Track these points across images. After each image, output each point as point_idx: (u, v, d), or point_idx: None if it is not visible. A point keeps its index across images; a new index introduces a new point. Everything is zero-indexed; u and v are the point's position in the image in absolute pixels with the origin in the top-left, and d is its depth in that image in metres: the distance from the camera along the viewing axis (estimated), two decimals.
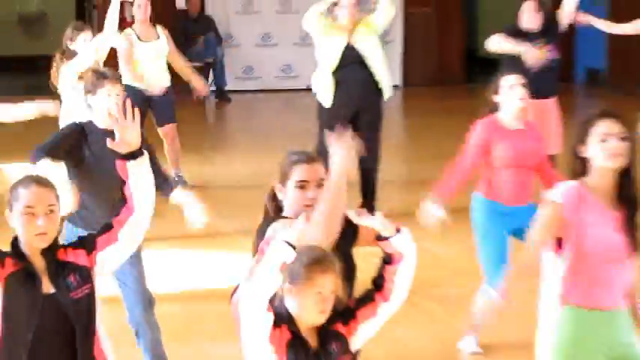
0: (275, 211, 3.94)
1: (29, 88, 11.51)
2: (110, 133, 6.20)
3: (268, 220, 3.88)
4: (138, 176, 3.68)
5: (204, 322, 7.12)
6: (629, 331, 4.26)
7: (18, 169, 6.95)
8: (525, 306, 5.01)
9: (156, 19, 10.07)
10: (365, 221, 3.53)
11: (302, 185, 3.80)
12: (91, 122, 5.64)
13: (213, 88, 14.63)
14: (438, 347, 6.33)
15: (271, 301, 3.26)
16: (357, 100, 9.23)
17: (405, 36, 15.69)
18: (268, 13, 16.05)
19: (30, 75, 11.93)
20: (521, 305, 4.70)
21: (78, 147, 5.77)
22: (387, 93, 9.26)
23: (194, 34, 14.29)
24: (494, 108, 6.07)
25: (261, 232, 3.78)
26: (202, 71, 13.72)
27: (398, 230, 3.45)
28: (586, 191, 4.03)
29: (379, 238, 3.50)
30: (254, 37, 15.95)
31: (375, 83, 9.26)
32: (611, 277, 4.20)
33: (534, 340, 4.35)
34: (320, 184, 3.84)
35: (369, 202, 9.00)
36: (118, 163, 3.62)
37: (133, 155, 3.57)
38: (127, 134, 3.58)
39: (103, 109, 5.61)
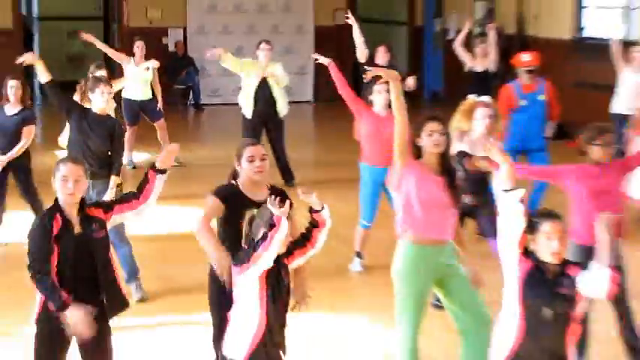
0: (232, 179, 4.98)
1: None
2: (99, 116, 6.89)
3: (227, 184, 4.96)
4: (158, 184, 4.59)
5: (174, 253, 8.64)
6: (451, 256, 5.26)
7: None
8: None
9: (155, 56, 11.98)
10: (308, 199, 4.31)
11: (251, 159, 4.73)
12: (90, 109, 7.11)
13: (193, 102, 16.92)
14: (334, 268, 7.49)
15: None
16: (265, 113, 11.02)
17: (315, 70, 16.94)
18: None
19: (71, 93, 11.66)
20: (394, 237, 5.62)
21: (78, 112, 7.38)
22: (282, 112, 11.09)
23: (180, 67, 16.32)
24: (370, 103, 7.58)
25: (218, 188, 4.91)
26: (186, 91, 16.72)
27: (323, 206, 4.29)
28: (421, 165, 5.05)
29: (312, 210, 4.33)
30: (219, 70, 15.65)
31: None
32: (439, 220, 5.18)
33: None
34: (263, 158, 4.78)
35: (289, 180, 10.69)
36: (151, 172, 4.48)
37: (162, 172, 4.47)
38: (169, 162, 4.54)
39: (97, 101, 7.19)
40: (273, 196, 4.30)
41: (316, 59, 9.52)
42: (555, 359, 4.32)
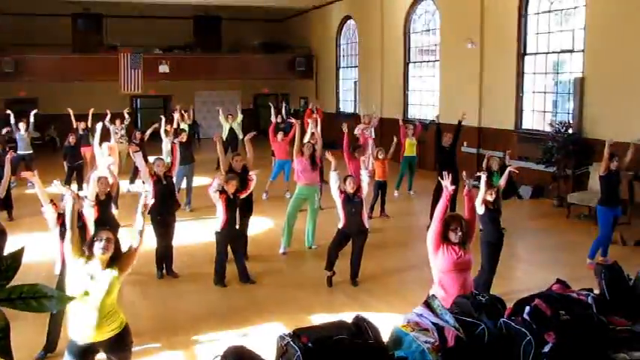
0: (229, 170, 7.62)
1: None
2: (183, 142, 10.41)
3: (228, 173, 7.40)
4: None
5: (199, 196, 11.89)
6: (315, 191, 8.55)
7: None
8: None
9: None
10: (252, 175, 7.35)
11: (236, 160, 7.71)
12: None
13: (197, 137, 20.71)
14: (258, 193, 8.13)
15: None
16: (233, 139, 15.43)
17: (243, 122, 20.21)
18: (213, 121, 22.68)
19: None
20: None
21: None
22: (240, 137, 14.90)
23: (193, 125, 19.39)
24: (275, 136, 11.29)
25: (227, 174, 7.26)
26: (194, 133, 19.12)
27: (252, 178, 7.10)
28: (302, 156, 8.06)
29: (249, 179, 7.12)
30: (203, 126, 22.61)
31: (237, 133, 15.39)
32: (307, 175, 8.39)
33: None
34: (242, 160, 7.69)
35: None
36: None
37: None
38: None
39: (183, 136, 10.86)
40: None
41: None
42: (358, 225, 7.04)
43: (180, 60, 21.66)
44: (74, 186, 12.46)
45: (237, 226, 7.32)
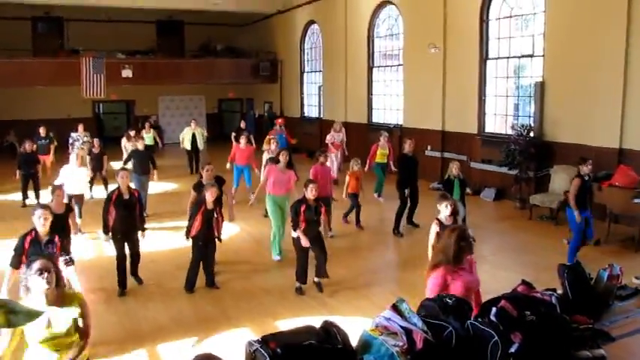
0: (201, 180, 7.95)
1: None
2: (141, 151, 11.04)
3: (198, 181, 7.88)
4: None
5: (164, 204, 13.39)
6: (286, 200, 8.48)
7: None
8: None
9: (148, 126, 17.53)
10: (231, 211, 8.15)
11: (207, 170, 7.92)
12: (137, 148, 10.92)
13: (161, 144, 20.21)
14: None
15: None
16: (194, 148, 16.19)
17: (207, 129, 20.46)
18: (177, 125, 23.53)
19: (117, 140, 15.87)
20: None
21: (135, 150, 10.89)
22: (201, 147, 16.13)
23: (157, 129, 20.55)
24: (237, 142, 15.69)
25: (196, 186, 7.75)
26: (160, 137, 19.58)
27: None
28: (273, 167, 8.41)
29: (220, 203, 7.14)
30: (168, 131, 22.17)
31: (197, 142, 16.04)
32: (283, 183, 8.41)
33: None
34: (212, 169, 7.94)
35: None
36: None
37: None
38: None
39: (139, 144, 11.23)
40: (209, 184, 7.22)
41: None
42: (315, 234, 7.11)
43: (144, 64, 21.40)
44: (30, 193, 12.22)
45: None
